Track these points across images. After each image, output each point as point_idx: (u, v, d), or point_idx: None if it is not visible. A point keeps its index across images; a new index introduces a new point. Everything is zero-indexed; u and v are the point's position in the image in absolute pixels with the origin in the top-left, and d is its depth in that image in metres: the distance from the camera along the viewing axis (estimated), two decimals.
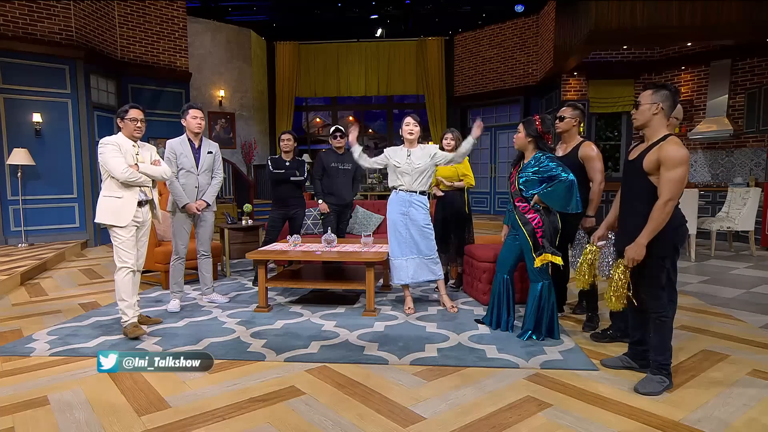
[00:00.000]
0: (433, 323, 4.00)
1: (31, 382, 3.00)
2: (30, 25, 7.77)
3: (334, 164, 5.37)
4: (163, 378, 3.01)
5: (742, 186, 8.12)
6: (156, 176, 3.92)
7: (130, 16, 9.49)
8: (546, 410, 2.59)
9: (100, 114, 8.78)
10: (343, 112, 15.26)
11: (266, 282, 4.37)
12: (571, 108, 3.96)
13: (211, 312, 4.39)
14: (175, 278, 4.50)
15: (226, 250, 5.93)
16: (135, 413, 2.60)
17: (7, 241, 7.75)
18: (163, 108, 9.90)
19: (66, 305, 4.72)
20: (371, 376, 3.03)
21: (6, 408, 2.68)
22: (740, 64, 8.72)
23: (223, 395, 2.78)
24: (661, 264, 2.79)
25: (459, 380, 2.95)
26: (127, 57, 9.49)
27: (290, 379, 2.98)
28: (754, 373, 3.07)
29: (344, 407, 2.64)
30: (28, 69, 7.77)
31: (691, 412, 2.57)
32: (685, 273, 5.84)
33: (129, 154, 3.79)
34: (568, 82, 10.03)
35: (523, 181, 3.60)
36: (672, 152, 2.61)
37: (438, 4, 12.44)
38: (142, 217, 3.89)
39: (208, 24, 11.70)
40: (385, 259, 4.34)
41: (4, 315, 4.46)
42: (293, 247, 4.58)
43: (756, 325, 4.03)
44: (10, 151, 7.50)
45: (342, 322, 4.04)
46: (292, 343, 3.55)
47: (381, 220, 6.29)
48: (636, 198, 2.82)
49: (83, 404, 2.70)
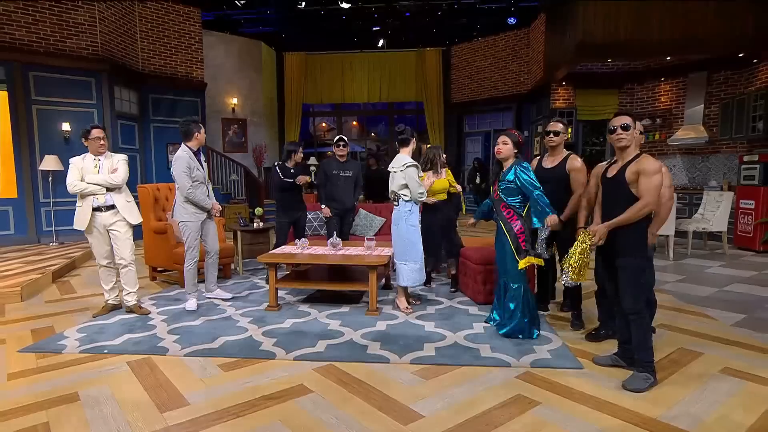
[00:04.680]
0: (432, 322, 3.99)
1: (64, 378, 3.02)
2: (60, 42, 7.77)
3: (336, 171, 5.36)
4: (182, 375, 3.03)
5: (717, 189, 8.12)
6: (102, 184, 4.10)
7: (151, 32, 9.46)
8: (535, 408, 2.60)
9: (123, 122, 8.77)
10: (347, 118, 15.24)
11: (276, 283, 4.38)
12: (562, 123, 3.91)
13: (225, 311, 4.39)
14: (192, 279, 4.53)
15: (239, 250, 5.93)
16: (157, 409, 2.62)
17: (40, 240, 7.79)
18: (180, 115, 9.83)
19: (93, 303, 4.72)
20: (374, 374, 3.04)
21: (41, 403, 2.70)
22: (715, 76, 8.67)
23: (237, 393, 2.79)
24: (640, 266, 2.86)
25: (455, 379, 2.96)
26: (147, 69, 9.46)
27: (299, 378, 2.99)
28: (725, 371, 3.09)
29: (349, 405, 2.65)
30: (57, 82, 7.78)
31: (668, 409, 2.59)
32: (663, 272, 5.83)
33: (87, 169, 4.09)
34: (557, 91, 9.99)
35: (504, 188, 3.62)
36: (649, 164, 2.78)
37: (436, 17, 12.39)
38: (104, 221, 4.14)
39: (222, 37, 11.69)
40: (387, 263, 4.33)
41: (39, 312, 4.48)
42: (301, 251, 4.59)
43: (727, 323, 4.04)
44: (42, 158, 7.53)
45: (347, 321, 4.03)
46: (301, 342, 3.55)
47: (383, 222, 6.30)
48: (617, 206, 2.87)
49: (110, 400, 2.72)
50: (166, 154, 9.72)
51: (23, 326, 4.08)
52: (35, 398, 2.76)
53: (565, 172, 3.80)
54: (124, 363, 3.23)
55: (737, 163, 7.84)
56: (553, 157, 3.96)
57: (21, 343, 3.66)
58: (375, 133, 16.02)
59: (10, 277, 5.35)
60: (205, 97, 10.47)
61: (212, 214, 4.62)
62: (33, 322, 4.18)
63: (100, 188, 4.08)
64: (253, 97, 12.25)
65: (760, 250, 7.17)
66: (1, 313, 4.48)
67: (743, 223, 7.43)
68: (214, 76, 11.19)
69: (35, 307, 4.64)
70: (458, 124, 13.22)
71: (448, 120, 13.17)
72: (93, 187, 4.07)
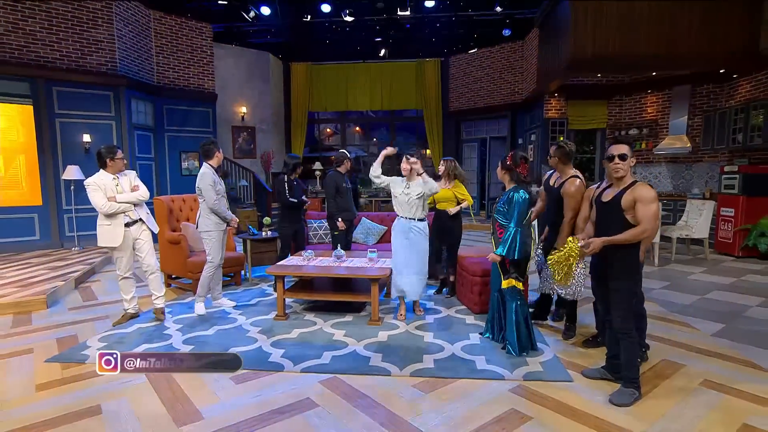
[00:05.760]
0: (430, 333, 3.99)
1: (87, 390, 3.05)
2: (81, 59, 7.80)
3: (344, 184, 5.40)
4: (196, 388, 3.05)
5: (699, 196, 8.12)
6: (133, 201, 4.19)
7: (165, 47, 9.46)
8: (527, 423, 2.61)
9: (139, 132, 8.79)
10: (350, 124, 15.21)
11: (284, 294, 4.40)
12: (555, 147, 3.88)
13: (236, 320, 4.40)
14: (206, 285, 4.63)
15: (248, 258, 5.95)
16: (174, 424, 2.64)
17: (63, 245, 7.85)
18: (191, 125, 9.90)
19: (112, 311, 4.75)
20: (376, 387, 3.04)
21: (67, 416, 2.73)
22: (699, 89, 8.65)
23: (248, 407, 2.81)
24: (631, 289, 2.88)
25: (452, 393, 2.97)
26: (162, 82, 9.46)
27: (305, 391, 3.00)
28: (705, 383, 3.11)
29: (353, 420, 2.66)
30: (79, 96, 7.81)
31: (651, 425, 2.61)
32: (649, 278, 5.83)
33: (109, 188, 4.12)
34: (549, 102, 9.97)
35: (499, 209, 3.62)
36: (645, 192, 2.76)
37: (435, 29, 12.34)
38: (133, 234, 4.23)
39: (232, 49, 11.66)
40: (388, 275, 4.35)
41: (63, 320, 4.51)
42: (307, 263, 4.61)
43: (708, 333, 4.05)
44: (64, 168, 7.56)
45: (350, 331, 4.03)
46: (307, 353, 3.55)
47: (384, 230, 6.31)
48: (611, 230, 2.86)
49: (130, 415, 2.74)
50: (179, 161, 9.74)
51: (49, 335, 4.11)
52: (63, 410, 2.79)
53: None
54: (142, 375, 3.24)
55: (718, 172, 7.83)
56: (557, 176, 3.91)
57: (48, 352, 3.69)
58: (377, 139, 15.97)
59: (36, 284, 5.40)
60: (216, 106, 10.47)
61: (231, 225, 4.73)
62: (58, 331, 4.21)
63: (129, 205, 4.18)
64: (262, 105, 12.24)
65: (739, 256, 7.19)
66: (29, 321, 4.52)
67: (723, 229, 7.44)
68: (224, 86, 11.18)
69: (59, 315, 4.67)
70: (456, 130, 13.20)
71: (446, 127, 13.15)
72: (125, 206, 4.14)
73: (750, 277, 6.02)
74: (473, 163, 13.10)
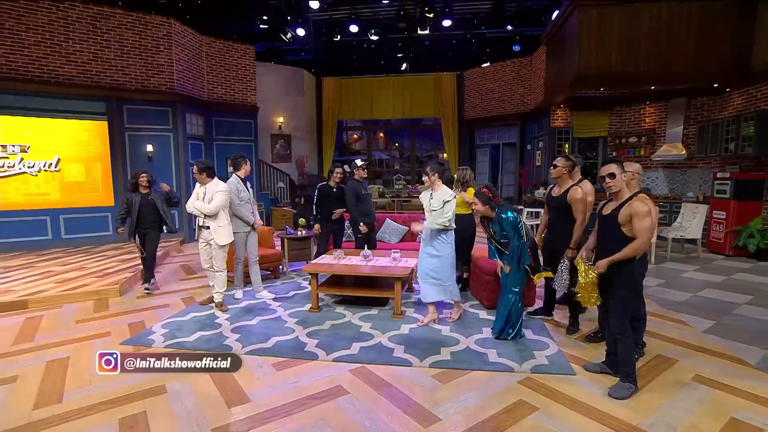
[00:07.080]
0: (447, 327, 3.97)
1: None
2: (145, 80, 8.03)
3: (363, 191, 5.35)
4: (243, 373, 3.06)
5: (693, 200, 7.86)
6: (192, 212, 4.43)
7: (214, 67, 9.59)
8: (534, 414, 2.61)
9: (192, 142, 8.98)
10: (375, 131, 15.19)
11: (317, 289, 4.46)
12: (563, 158, 3.79)
13: (276, 311, 4.46)
14: (241, 277, 4.96)
15: (286, 255, 6.04)
16: (225, 405, 2.72)
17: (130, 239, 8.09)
18: (236, 135, 10.05)
19: (172, 300, 4.91)
20: (399, 377, 3.06)
21: (138, 394, 2.85)
22: (693, 101, 8.33)
23: (288, 392, 2.86)
24: (628, 297, 2.83)
25: (467, 384, 2.97)
26: (211, 97, 9.61)
27: (337, 378, 3.04)
28: (696, 378, 3.05)
29: (379, 407, 2.69)
30: (143, 112, 8.06)
31: (646, 417, 2.58)
32: (646, 276, 5.67)
33: (196, 195, 4.49)
34: (555, 112, 9.75)
35: (497, 231, 3.68)
36: (640, 208, 2.70)
37: (451, 45, 12.22)
38: (203, 236, 4.50)
39: (271, 66, 11.77)
40: (409, 273, 4.33)
41: (132, 307, 4.67)
42: (338, 261, 4.65)
43: (699, 330, 3.95)
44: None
45: (376, 324, 4.04)
46: (338, 344, 3.57)
47: (405, 230, 6.32)
48: (611, 242, 2.84)
49: (189, 395, 2.83)
50: (226, 166, 9.92)
51: (122, 320, 4.27)
52: (136, 388, 2.91)
53: (566, 200, 3.71)
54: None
55: (711, 178, 7.56)
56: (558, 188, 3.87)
57: (121, 335, 3.86)
58: (398, 144, 15.95)
59: (111, 274, 5.62)
60: (257, 117, 10.60)
61: (255, 227, 4.87)
62: (128, 317, 4.37)
63: (198, 211, 4.39)
64: (297, 115, 12.33)
65: (729, 255, 6.95)
66: (106, 306, 4.71)
67: (715, 230, 7.19)
68: (264, 99, 11.29)
69: (129, 303, 4.84)
70: (470, 136, 13.04)
71: (461, 133, 13.01)
72: (194, 211, 4.41)
73: (739, 276, 5.81)
74: (485, 166, 12.96)
